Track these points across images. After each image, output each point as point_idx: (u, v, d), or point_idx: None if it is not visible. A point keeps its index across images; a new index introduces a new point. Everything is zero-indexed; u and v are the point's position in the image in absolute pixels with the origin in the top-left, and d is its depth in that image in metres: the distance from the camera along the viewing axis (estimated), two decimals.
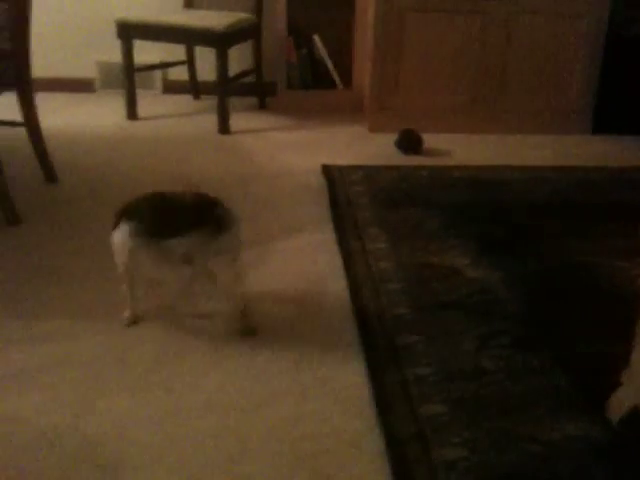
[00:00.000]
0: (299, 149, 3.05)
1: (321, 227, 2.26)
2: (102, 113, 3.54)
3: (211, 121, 3.33)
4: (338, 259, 2.11)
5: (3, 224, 2.24)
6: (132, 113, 3.45)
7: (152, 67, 3.66)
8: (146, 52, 3.57)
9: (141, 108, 3.47)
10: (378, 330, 1.74)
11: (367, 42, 3.46)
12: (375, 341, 1.70)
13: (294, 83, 3.70)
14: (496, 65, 3.33)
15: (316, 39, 3.65)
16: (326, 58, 3.67)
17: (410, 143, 3.11)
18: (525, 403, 1.50)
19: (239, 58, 3.67)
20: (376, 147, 3.20)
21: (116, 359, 1.61)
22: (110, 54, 3.68)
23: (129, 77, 3.39)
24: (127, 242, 1.63)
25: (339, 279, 2.00)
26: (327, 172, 2.80)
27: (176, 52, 3.69)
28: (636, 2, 3.31)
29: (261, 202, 2.35)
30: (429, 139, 3.15)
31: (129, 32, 3.29)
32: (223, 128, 3.29)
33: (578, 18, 3.27)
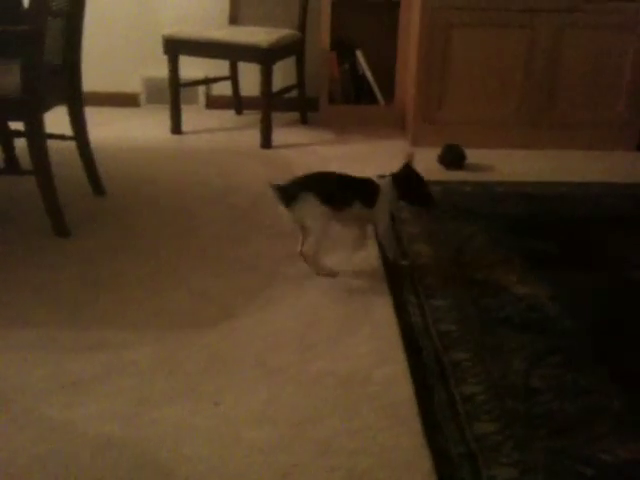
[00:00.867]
0: (341, 163, 3.05)
1: (365, 243, 2.26)
2: (147, 127, 3.61)
3: (254, 135, 3.37)
4: (383, 275, 2.11)
5: (52, 236, 2.29)
6: (176, 128, 3.51)
7: (197, 82, 3.72)
8: (190, 67, 3.63)
9: (185, 123, 3.53)
10: (426, 347, 1.73)
11: (411, 56, 3.46)
12: (422, 358, 1.69)
13: (336, 98, 3.73)
14: (542, 80, 3.31)
15: (359, 54, 3.66)
16: (368, 73, 3.69)
17: (453, 158, 3.10)
18: (577, 424, 1.47)
19: (282, 73, 3.71)
20: (419, 161, 3.17)
21: (167, 369, 1.63)
22: (155, 69, 3.76)
23: (174, 92, 3.45)
24: (320, 207, 1.98)
25: (384, 295, 2.00)
26: None
27: (219, 67, 3.74)
28: None
29: None
30: (472, 154, 3.14)
31: (176, 48, 3.36)
32: (266, 142, 3.32)
33: (626, 32, 3.24)
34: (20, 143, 2.28)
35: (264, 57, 3.20)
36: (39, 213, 2.29)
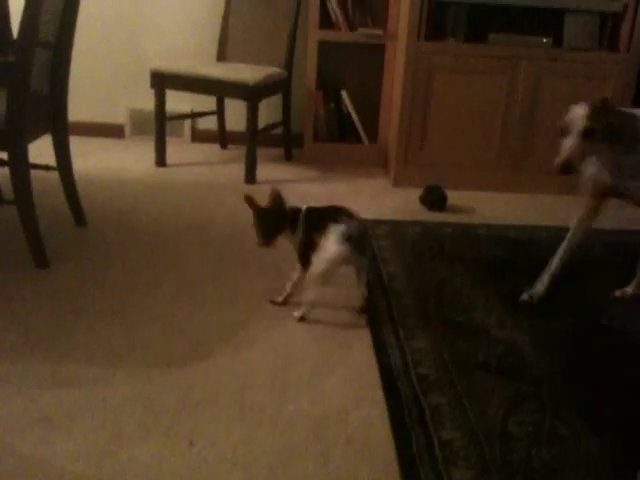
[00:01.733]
0: (323, 201, 3.05)
1: (344, 281, 2.26)
2: (131, 159, 3.61)
3: (238, 170, 3.38)
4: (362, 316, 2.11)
5: (31, 267, 2.26)
6: (161, 160, 3.51)
7: (183, 116, 3.74)
8: (176, 101, 3.65)
9: (170, 155, 3.54)
10: (405, 389, 1.73)
11: (395, 98, 3.52)
12: (401, 401, 1.68)
13: (321, 136, 3.77)
14: (522, 125, 3.38)
15: (344, 94, 3.72)
16: (353, 113, 3.74)
17: (435, 199, 3.13)
18: (553, 471, 1.46)
19: (268, 110, 3.75)
20: (400, 202, 3.22)
21: (140, 407, 1.60)
22: (141, 101, 3.78)
23: (160, 125, 3.47)
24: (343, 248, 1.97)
25: (365, 335, 1.99)
26: None
27: (206, 102, 3.77)
28: None
29: (286, 250, 2.36)
30: (453, 196, 3.18)
31: (163, 82, 3.38)
32: (250, 178, 3.33)
33: (605, 81, 3.32)
34: (2, 171, 2.27)
35: (250, 94, 3.23)
36: (19, 243, 2.27)
